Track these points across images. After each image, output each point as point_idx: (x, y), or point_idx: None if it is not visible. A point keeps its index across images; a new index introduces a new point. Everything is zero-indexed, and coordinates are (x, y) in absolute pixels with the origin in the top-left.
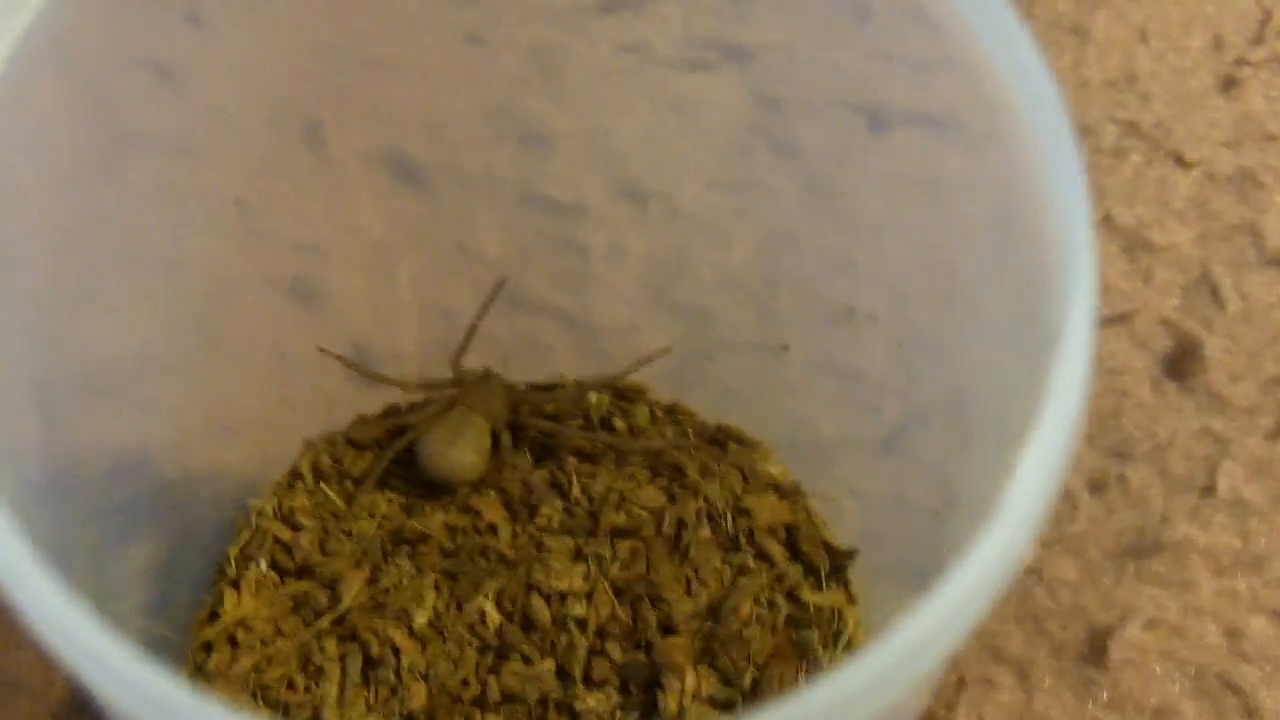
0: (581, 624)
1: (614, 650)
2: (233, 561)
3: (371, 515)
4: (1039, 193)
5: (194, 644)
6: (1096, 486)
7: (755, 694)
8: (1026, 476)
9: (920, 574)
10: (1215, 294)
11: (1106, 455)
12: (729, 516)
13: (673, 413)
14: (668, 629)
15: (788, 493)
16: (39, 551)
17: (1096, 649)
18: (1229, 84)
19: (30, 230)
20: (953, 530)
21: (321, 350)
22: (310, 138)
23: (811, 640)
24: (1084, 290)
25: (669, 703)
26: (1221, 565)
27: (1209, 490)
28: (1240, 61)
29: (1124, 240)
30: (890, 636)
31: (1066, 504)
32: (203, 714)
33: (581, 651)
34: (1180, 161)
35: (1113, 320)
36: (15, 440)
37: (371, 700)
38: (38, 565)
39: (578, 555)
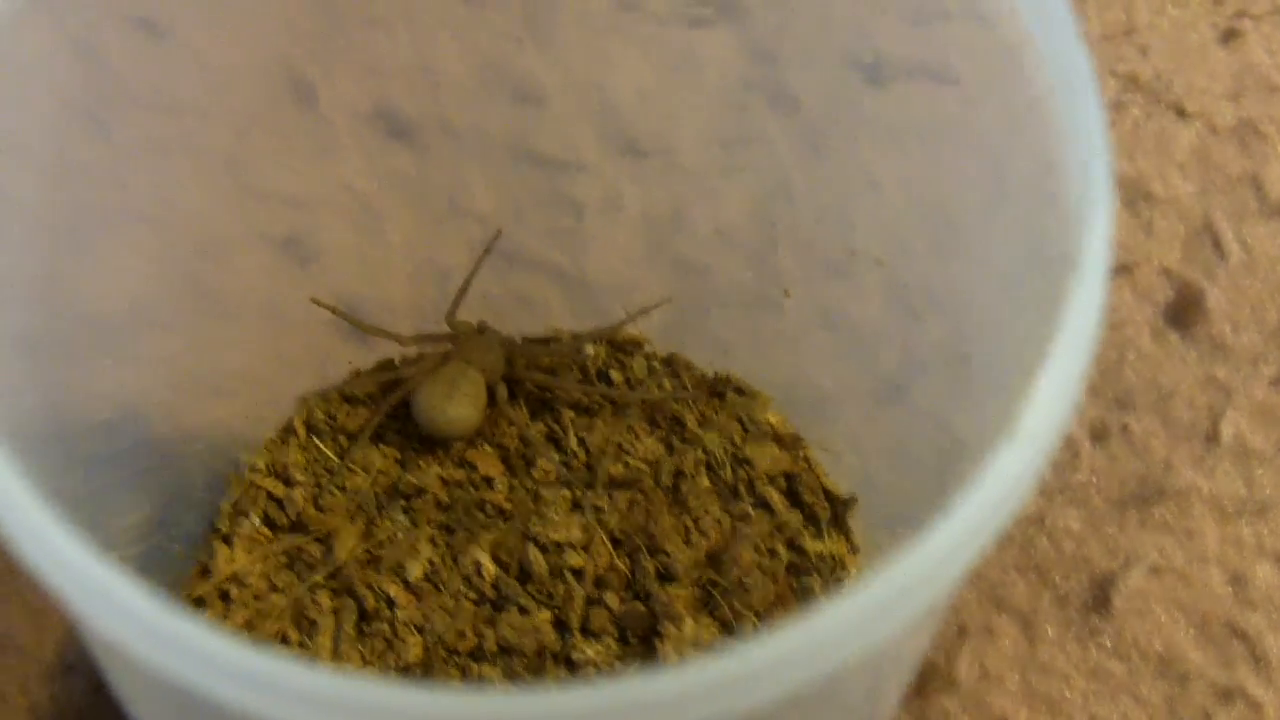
0: (579, 574)
1: (612, 600)
2: (225, 517)
3: (366, 470)
4: (1058, 131)
5: (186, 599)
6: (1099, 436)
7: None
8: (1040, 401)
9: (921, 525)
10: (1217, 244)
11: (1109, 405)
12: (728, 466)
13: (670, 364)
14: (667, 578)
15: (787, 442)
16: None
17: (1100, 597)
18: (1229, 36)
19: (22, 183)
20: (956, 478)
21: (315, 302)
22: (301, 94)
23: (813, 588)
24: (1102, 222)
25: (669, 652)
26: (1226, 512)
27: (1212, 438)
28: (1240, 14)
29: (1126, 192)
30: (899, 558)
31: (1069, 453)
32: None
33: (579, 602)
34: (1181, 113)
35: (1115, 271)
36: (11, 388)
37: (366, 654)
38: (33, 495)
39: (575, 506)
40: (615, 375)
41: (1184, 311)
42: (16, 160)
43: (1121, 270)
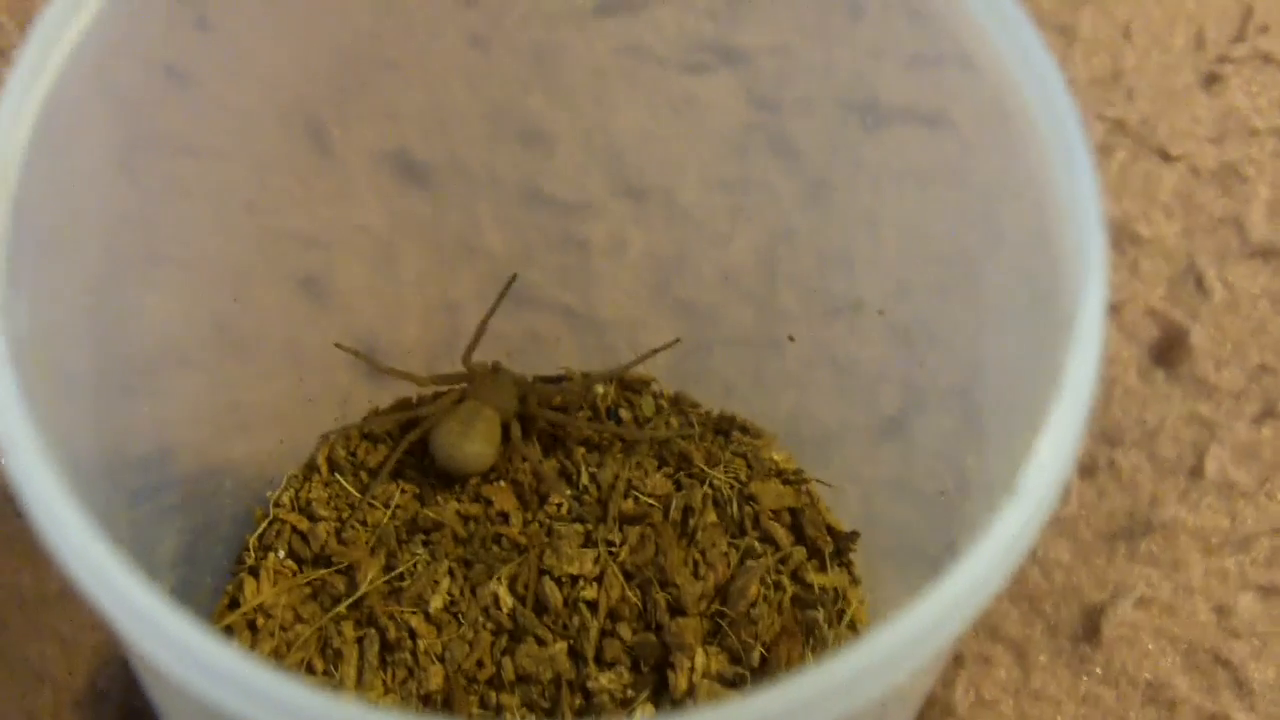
0: (593, 606)
1: (625, 631)
2: (252, 550)
3: (386, 505)
4: (1049, 178)
5: (215, 630)
6: (1088, 471)
7: (763, 671)
8: (1042, 458)
9: (922, 556)
10: (1201, 284)
11: (1097, 441)
12: (735, 502)
13: (677, 403)
14: (677, 610)
15: (791, 479)
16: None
17: (1090, 627)
18: (1211, 80)
19: (72, 229)
20: (961, 513)
21: (338, 346)
22: (316, 137)
23: (817, 619)
24: (1097, 273)
25: (679, 681)
26: (1210, 545)
27: (1197, 473)
28: (1222, 59)
29: (1112, 233)
30: (916, 607)
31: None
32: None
33: (593, 633)
34: (1165, 156)
35: None
36: (68, 426)
37: (389, 682)
38: (90, 527)
39: (588, 541)
40: (624, 414)
41: (1169, 350)
42: (66, 207)
43: (1108, 310)
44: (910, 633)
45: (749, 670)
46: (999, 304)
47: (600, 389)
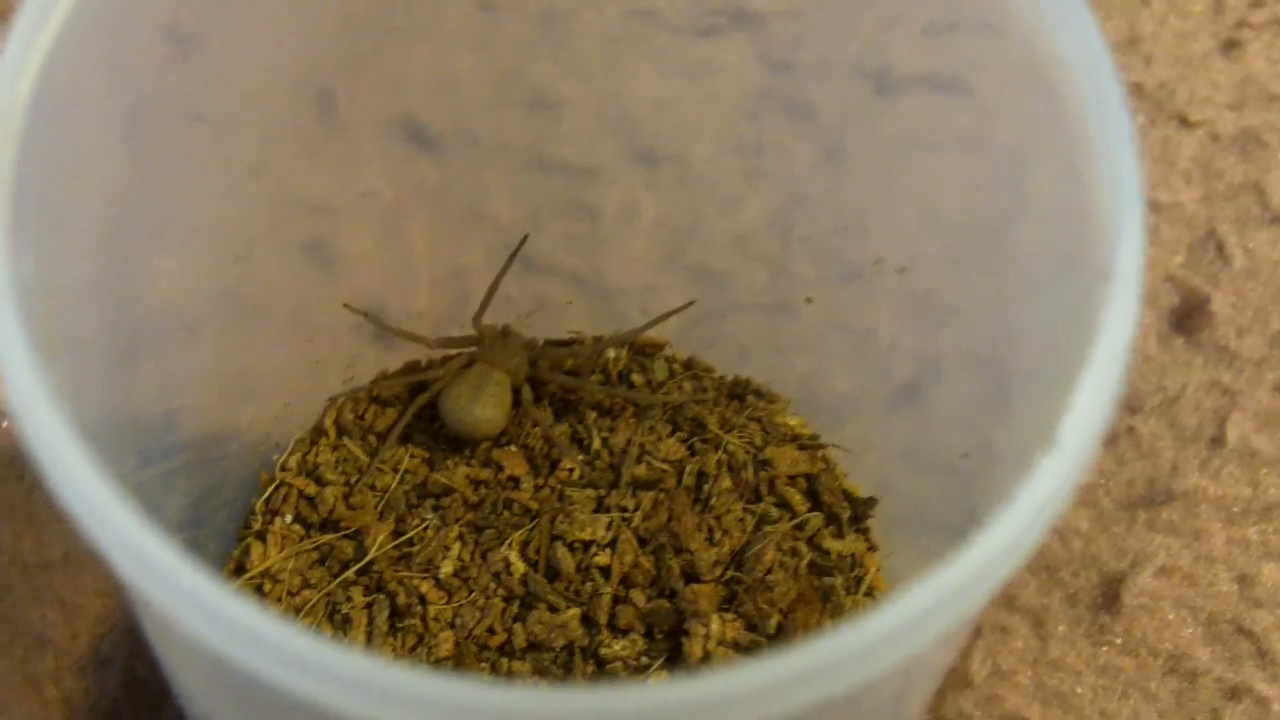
0: (605, 572)
1: (638, 598)
2: (258, 515)
3: (395, 469)
4: (1087, 139)
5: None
6: (1108, 439)
7: (779, 638)
8: (1081, 410)
9: (938, 524)
10: (1221, 251)
11: (1117, 409)
12: (750, 467)
13: (690, 367)
14: (691, 577)
15: (807, 444)
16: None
17: (1109, 596)
18: (1230, 46)
19: (79, 193)
20: (983, 482)
21: (347, 307)
22: (323, 103)
23: (834, 586)
24: (1133, 230)
25: (694, 648)
26: (1232, 514)
27: (1218, 441)
28: (1241, 24)
29: None
30: (954, 561)
31: None
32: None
33: (606, 599)
34: (1184, 122)
35: None
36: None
37: (399, 648)
38: (103, 481)
39: (600, 506)
40: (637, 378)
41: (1189, 317)
42: (69, 166)
43: None
44: (949, 587)
45: (765, 637)
46: (1028, 270)
47: (612, 353)
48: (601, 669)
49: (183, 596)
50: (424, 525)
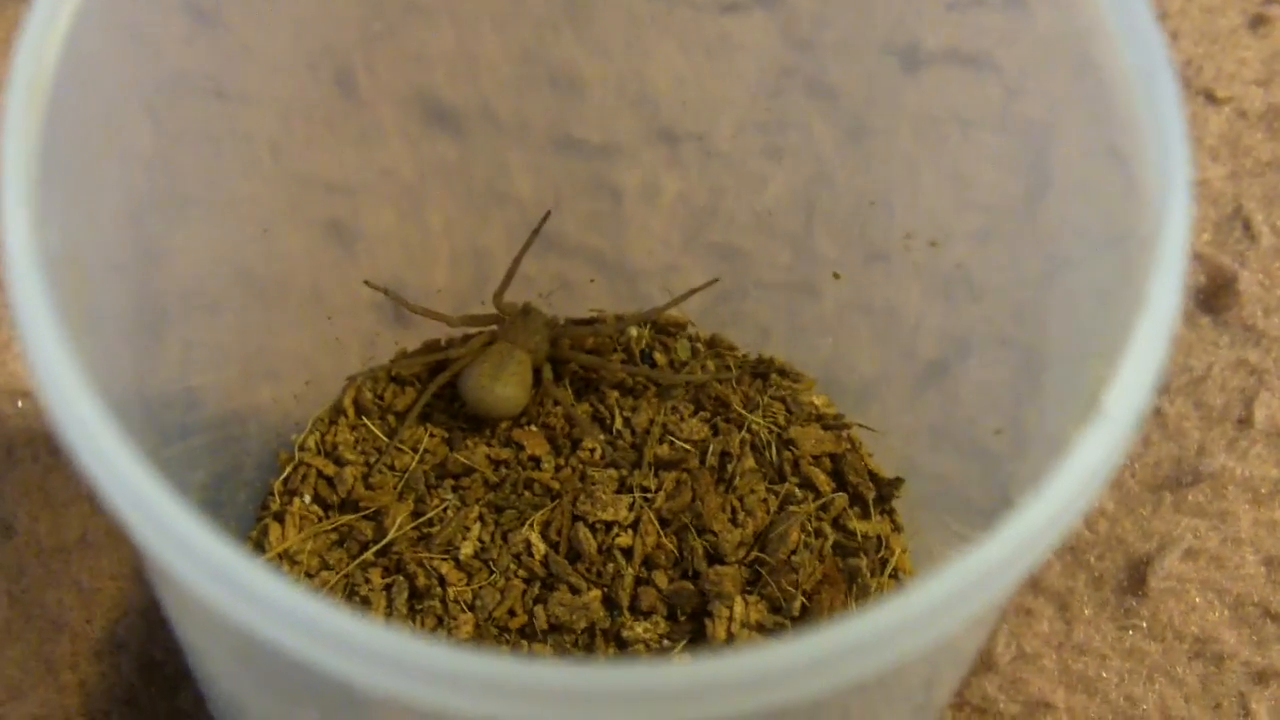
0: (628, 554)
1: (661, 579)
2: (277, 495)
3: (414, 449)
4: (1131, 110)
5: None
6: None
7: (804, 620)
8: (1127, 379)
9: (965, 506)
10: (1248, 229)
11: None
12: (773, 447)
13: (713, 346)
14: (715, 558)
15: (831, 424)
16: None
17: (1135, 579)
18: (1258, 22)
19: (102, 171)
20: (1013, 464)
21: (367, 284)
22: (343, 81)
23: (859, 567)
24: (1180, 205)
25: (718, 630)
26: (1259, 495)
27: (1245, 421)
28: (1269, 0)
29: None
30: (999, 533)
31: None
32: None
33: (628, 581)
34: (1211, 99)
35: None
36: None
37: (418, 630)
38: (130, 456)
39: (622, 487)
40: (659, 357)
41: (1216, 296)
42: (93, 141)
43: None
44: (997, 558)
45: (790, 619)
46: (1059, 243)
47: (634, 332)
48: (623, 651)
49: (214, 573)
50: (444, 506)
